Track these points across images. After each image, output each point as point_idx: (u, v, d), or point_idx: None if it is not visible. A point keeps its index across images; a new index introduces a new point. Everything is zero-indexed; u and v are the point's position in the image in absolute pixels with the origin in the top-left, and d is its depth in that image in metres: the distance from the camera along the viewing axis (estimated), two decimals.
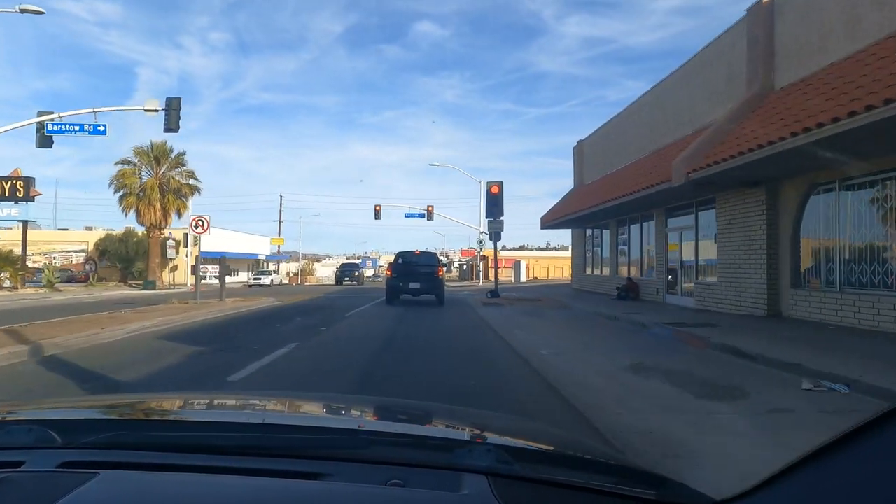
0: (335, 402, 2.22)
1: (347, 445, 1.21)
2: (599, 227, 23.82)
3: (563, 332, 11.38)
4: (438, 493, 0.96)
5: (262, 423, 1.50)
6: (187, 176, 37.47)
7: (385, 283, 19.67)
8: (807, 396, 5.48)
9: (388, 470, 1.01)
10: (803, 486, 0.81)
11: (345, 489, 0.97)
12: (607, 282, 22.28)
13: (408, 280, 18.71)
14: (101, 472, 0.97)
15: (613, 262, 21.87)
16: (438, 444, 1.27)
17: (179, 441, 1.21)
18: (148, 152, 36.09)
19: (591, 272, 25.18)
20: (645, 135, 18.87)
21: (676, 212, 16.82)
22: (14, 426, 1.27)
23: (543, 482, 1.05)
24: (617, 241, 21.66)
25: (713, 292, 14.19)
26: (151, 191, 35.28)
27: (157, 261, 36.91)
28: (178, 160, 36.87)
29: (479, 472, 1.01)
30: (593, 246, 24.73)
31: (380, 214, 45.55)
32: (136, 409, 1.68)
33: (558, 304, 18.26)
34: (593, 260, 24.83)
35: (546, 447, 1.46)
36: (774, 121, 9.93)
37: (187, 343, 9.47)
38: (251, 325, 12.65)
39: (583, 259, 26.28)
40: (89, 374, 6.80)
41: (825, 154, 8.99)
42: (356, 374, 6.93)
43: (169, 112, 20.88)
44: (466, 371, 7.00)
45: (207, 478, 1.01)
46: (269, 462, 1.06)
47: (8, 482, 0.94)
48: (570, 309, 17.04)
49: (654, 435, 4.26)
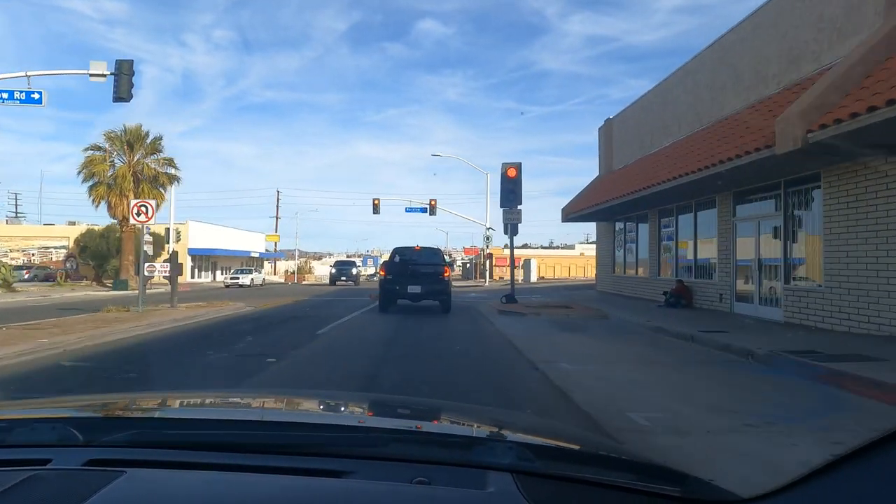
0: (356, 400, 2.31)
1: (370, 443, 1.18)
2: (634, 220, 20.13)
3: (635, 366, 7.65)
4: (465, 490, 0.95)
5: (284, 422, 1.53)
6: (165, 163, 33.80)
7: (378, 286, 16.00)
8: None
9: (411, 468, 1.01)
10: (833, 488, 0.81)
11: (371, 487, 0.97)
12: (646, 284, 18.58)
13: (406, 282, 15.05)
14: (127, 471, 0.97)
15: (654, 260, 18.15)
16: (461, 442, 1.25)
17: (202, 439, 1.17)
18: (120, 137, 32.42)
19: (621, 272, 21.47)
20: (702, 101, 15.18)
21: (749, 196, 13.11)
22: (38, 424, 1.27)
23: (567, 479, 1.04)
24: (659, 236, 17.96)
25: (815, 301, 10.50)
26: (123, 180, 31.59)
27: (131, 258, 33.28)
28: (155, 146, 33.20)
29: (503, 469, 1.01)
30: (625, 242, 21.03)
31: (378, 209, 42.62)
32: (156, 407, 1.71)
33: (594, 313, 14.58)
34: (625, 258, 21.12)
35: (569, 445, 1.46)
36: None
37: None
38: (171, 351, 9.04)
39: (611, 257, 22.58)
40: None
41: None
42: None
43: (119, 77, 17.15)
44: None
45: (232, 476, 1.00)
46: (292, 460, 1.05)
47: (38, 479, 0.94)
48: (613, 320, 13.37)
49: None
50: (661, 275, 17.85)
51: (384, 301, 15.57)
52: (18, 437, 1.19)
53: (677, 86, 16.95)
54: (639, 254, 19.81)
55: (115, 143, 32.28)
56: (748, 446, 3.99)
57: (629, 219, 20.52)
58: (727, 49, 14.01)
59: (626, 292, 20.42)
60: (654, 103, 18.64)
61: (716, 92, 14.45)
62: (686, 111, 16.26)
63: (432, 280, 15.10)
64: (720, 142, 12.10)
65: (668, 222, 17.29)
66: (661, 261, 17.94)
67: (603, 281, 23.60)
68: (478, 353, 8.92)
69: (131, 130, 32.57)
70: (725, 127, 12.67)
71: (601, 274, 23.93)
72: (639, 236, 19.82)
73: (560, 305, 16.67)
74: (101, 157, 32.04)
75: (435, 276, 15.19)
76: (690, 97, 16.00)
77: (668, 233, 17.38)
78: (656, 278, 17.89)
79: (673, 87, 17.25)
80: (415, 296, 15.14)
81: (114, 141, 32.28)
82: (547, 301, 19.18)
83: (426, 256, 16.78)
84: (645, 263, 19.14)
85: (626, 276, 20.90)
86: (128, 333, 10.28)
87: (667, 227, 17.44)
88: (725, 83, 13.98)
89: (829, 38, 10.35)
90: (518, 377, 6.85)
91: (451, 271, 15.89)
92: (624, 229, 21.10)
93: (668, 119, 17.41)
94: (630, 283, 20.21)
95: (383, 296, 15.55)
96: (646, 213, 18.71)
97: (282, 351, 8.69)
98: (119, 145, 32.40)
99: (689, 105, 16.01)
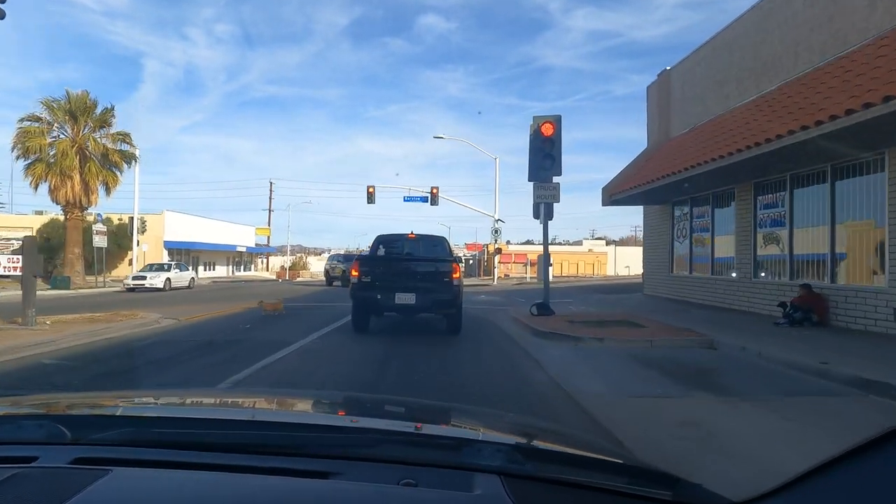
0: (347, 401, 2.24)
1: (359, 444, 1.17)
2: (706, 201, 14.87)
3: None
4: (452, 492, 0.94)
5: (272, 422, 1.51)
6: (118, 139, 28.52)
7: (350, 293, 10.68)
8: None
9: (399, 469, 0.99)
10: (822, 491, 0.82)
11: (357, 488, 0.95)
12: (733, 289, 13.33)
13: (393, 288, 9.78)
14: (113, 469, 0.97)
15: (749, 255, 12.86)
16: (450, 444, 1.22)
17: (190, 438, 1.16)
18: (63, 105, 27.10)
19: (685, 271, 16.18)
20: (844, 12, 9.93)
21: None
22: (25, 421, 1.26)
23: (557, 482, 1.02)
24: (756, 220, 12.68)
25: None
26: (65, 157, 26.26)
27: (77, 251, 28.07)
28: (105, 118, 27.85)
29: (491, 471, 1.00)
30: (691, 230, 15.74)
31: (373, 198, 37.76)
32: (146, 406, 1.69)
33: (685, 338, 9.26)
34: (691, 252, 15.81)
35: (559, 447, 1.43)
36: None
37: None
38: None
39: (667, 251, 17.29)
40: None
41: None
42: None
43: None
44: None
45: (219, 475, 0.99)
46: (279, 460, 1.04)
47: (23, 477, 0.94)
48: (728, 351, 8.10)
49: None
50: (756, 275, 12.58)
51: (358, 316, 10.34)
52: (5, 434, 1.18)
53: (787, 4, 11.66)
54: (716, 246, 14.52)
55: (55, 112, 26.97)
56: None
57: (698, 200, 15.25)
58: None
59: (694, 298, 15.16)
60: (742, 37, 13.35)
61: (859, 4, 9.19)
62: (808, 36, 10.99)
63: (434, 284, 9.86)
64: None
65: (775, 200, 12.01)
66: (755, 258, 12.65)
67: (654, 282, 18.31)
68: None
69: (76, 98, 27.28)
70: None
71: (652, 273, 18.62)
72: (715, 222, 14.53)
73: (620, 321, 11.40)
74: (39, 129, 26.73)
75: (438, 277, 9.94)
76: (816, 12, 10.72)
77: (773, 215, 12.10)
78: (752, 281, 12.62)
79: (780, 6, 11.95)
80: (407, 308, 9.90)
81: (54, 111, 26.96)
82: (592, 311, 13.90)
83: (425, 248, 11.54)
84: (731, 262, 13.85)
85: (693, 276, 15.61)
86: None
87: (771, 206, 12.16)
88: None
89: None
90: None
91: (462, 270, 10.61)
92: (689, 214, 15.80)
93: (770, 54, 12.14)
94: (702, 286, 14.91)
95: (357, 308, 10.29)
96: (731, 190, 13.44)
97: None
98: (61, 116, 27.09)
99: (814, 26, 10.74)
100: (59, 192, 26.86)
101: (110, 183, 28.23)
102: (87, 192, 27.51)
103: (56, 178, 26.50)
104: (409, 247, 11.61)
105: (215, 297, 20.84)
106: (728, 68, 13.84)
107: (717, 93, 14.33)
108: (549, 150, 12.35)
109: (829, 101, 8.42)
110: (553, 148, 12.37)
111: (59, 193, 26.92)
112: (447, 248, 11.83)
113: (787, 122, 9.17)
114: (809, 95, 9.44)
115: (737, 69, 13.42)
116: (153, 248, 47.68)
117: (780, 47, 11.86)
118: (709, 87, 14.82)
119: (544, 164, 12.29)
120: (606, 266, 66.40)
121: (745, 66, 13.03)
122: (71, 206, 27.45)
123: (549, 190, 12.73)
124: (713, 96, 14.54)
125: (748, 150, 10.19)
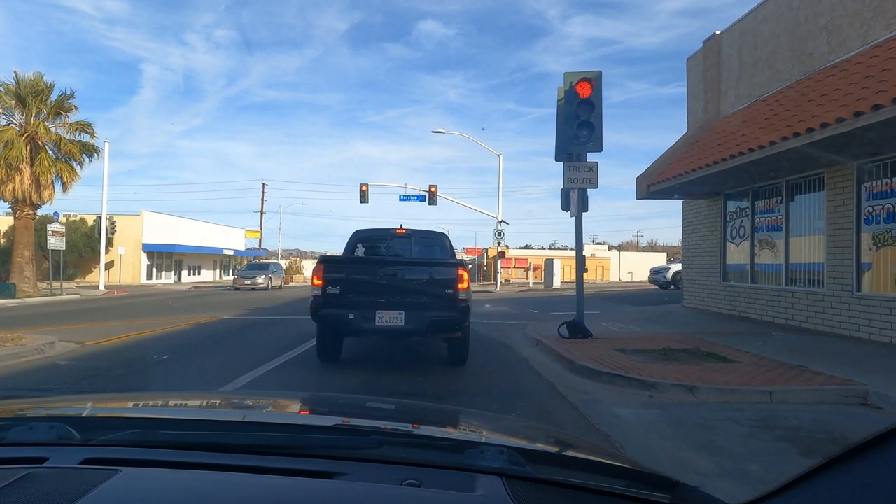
0: (350, 402, 2.27)
1: (361, 445, 1.16)
2: (772, 192, 11.74)
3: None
4: (454, 493, 0.94)
5: (278, 423, 1.50)
6: (77, 129, 25.29)
7: (310, 310, 7.28)
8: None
9: (401, 470, 0.99)
10: (818, 493, 0.80)
11: (360, 489, 0.95)
12: (829, 306, 10.14)
13: (372, 302, 6.61)
14: (122, 469, 0.96)
15: (850, 261, 9.67)
16: (452, 445, 1.24)
17: (197, 439, 1.17)
18: (12, 89, 23.89)
19: (743, 279, 12.99)
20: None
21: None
22: (36, 422, 1.25)
23: (557, 484, 1.02)
24: (858, 217, 9.52)
25: None
26: (11, 147, 23.01)
27: (27, 254, 24.76)
28: (61, 105, 24.61)
29: (493, 473, 0.99)
30: (754, 229, 12.57)
31: (366, 197, 35.35)
32: (154, 407, 1.68)
33: (809, 379, 6.09)
34: (752, 256, 12.62)
35: (560, 449, 1.43)
36: None
37: None
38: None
39: (718, 255, 14.12)
40: None
41: None
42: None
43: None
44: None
45: (224, 476, 0.99)
46: (284, 461, 1.03)
47: (34, 477, 0.93)
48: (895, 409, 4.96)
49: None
50: (860, 288, 9.42)
51: (324, 342, 7.19)
52: (17, 436, 1.18)
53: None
54: (791, 250, 11.36)
55: (1, 97, 23.74)
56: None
57: (764, 191, 12.10)
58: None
59: (756, 314, 11.99)
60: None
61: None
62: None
63: (431, 298, 6.70)
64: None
65: (892, 187, 8.87)
66: (859, 262, 9.48)
67: (698, 292, 15.13)
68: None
69: (27, 82, 24.04)
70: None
71: (694, 281, 15.43)
72: (790, 218, 11.38)
73: (688, 349, 8.17)
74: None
75: (437, 288, 6.76)
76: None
77: (890, 207, 8.95)
78: (853, 296, 9.45)
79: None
80: (392, 331, 6.72)
81: (0, 95, 23.74)
82: (637, 332, 10.71)
83: (419, 248, 8.39)
84: (804, 267, 10.69)
85: (755, 286, 12.42)
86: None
87: (884, 196, 9.01)
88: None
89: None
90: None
91: (468, 278, 7.38)
92: (751, 209, 12.64)
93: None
94: (769, 299, 11.71)
95: (322, 332, 7.11)
96: (817, 176, 10.31)
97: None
98: (7, 100, 23.86)
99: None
100: (6, 188, 23.52)
101: (66, 177, 24.97)
102: (39, 187, 24.22)
103: (2, 172, 23.25)
104: (397, 246, 8.46)
105: (165, 309, 17.52)
106: (814, 17, 10.72)
107: (798, 50, 11.21)
108: (585, 117, 9.18)
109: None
110: (591, 114, 9.20)
111: (5, 189, 23.60)
112: (448, 249, 8.66)
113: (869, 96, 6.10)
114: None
115: (828, 16, 10.31)
116: (130, 251, 44.40)
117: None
118: (783, 46, 11.70)
119: (580, 134, 9.11)
120: (609, 272, 63.51)
121: (848, 5, 9.92)
122: (20, 203, 24.15)
123: (583, 172, 9.55)
124: (790, 57, 11.43)
125: (855, 118, 7.12)
